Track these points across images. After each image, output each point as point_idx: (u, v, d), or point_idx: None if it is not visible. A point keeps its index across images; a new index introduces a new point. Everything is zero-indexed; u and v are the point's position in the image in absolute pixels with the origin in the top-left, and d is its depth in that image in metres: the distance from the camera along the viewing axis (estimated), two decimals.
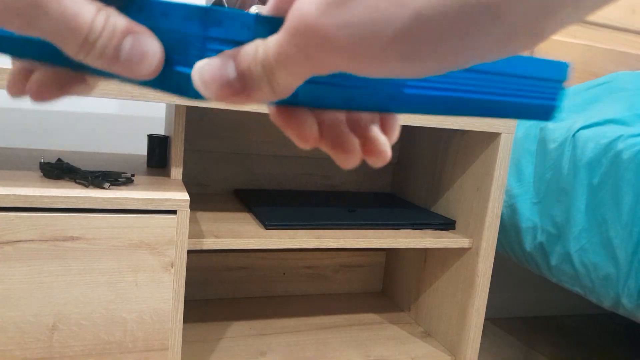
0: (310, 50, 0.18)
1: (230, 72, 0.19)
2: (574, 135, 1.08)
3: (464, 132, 1.06)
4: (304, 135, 0.23)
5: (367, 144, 0.25)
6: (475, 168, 1.02)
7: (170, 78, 0.20)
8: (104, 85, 0.71)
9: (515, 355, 1.47)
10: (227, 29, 0.20)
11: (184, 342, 1.00)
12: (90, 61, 0.19)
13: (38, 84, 0.22)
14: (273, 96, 0.20)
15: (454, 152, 1.09)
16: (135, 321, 0.75)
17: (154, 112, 1.25)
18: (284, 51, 0.18)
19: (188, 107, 1.14)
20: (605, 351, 1.58)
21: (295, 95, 0.21)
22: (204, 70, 0.19)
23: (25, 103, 1.17)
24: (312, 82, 0.21)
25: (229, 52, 0.20)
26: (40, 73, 0.22)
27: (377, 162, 0.25)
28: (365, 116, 0.25)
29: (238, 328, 1.09)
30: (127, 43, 0.19)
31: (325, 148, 0.24)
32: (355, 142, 0.25)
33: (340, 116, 0.25)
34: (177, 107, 0.87)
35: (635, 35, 1.57)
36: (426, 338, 1.14)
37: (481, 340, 1.03)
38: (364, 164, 0.25)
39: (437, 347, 1.10)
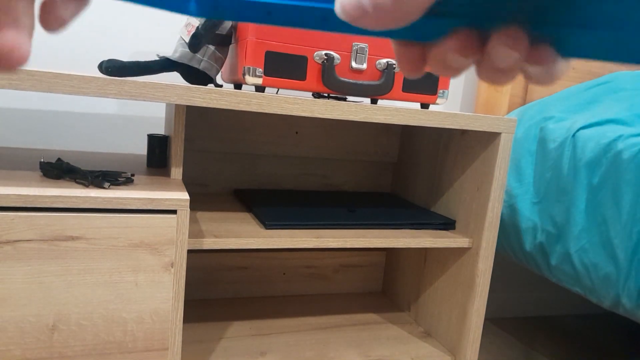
0: None
1: None
2: (574, 135, 1.08)
3: (463, 132, 1.06)
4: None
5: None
6: (475, 168, 1.02)
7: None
8: (104, 85, 0.71)
9: (515, 355, 1.47)
10: None
11: (184, 342, 1.00)
12: None
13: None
14: (400, 9, 0.21)
15: (454, 152, 1.09)
16: (135, 321, 0.75)
17: (154, 112, 1.25)
18: None
19: (188, 107, 1.14)
20: (605, 351, 1.58)
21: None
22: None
23: (25, 103, 1.16)
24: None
25: None
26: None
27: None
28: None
29: (238, 328, 1.09)
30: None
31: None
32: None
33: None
34: (177, 107, 0.87)
35: None
36: (426, 338, 1.14)
37: (481, 340, 1.03)
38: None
39: (437, 347, 1.10)
